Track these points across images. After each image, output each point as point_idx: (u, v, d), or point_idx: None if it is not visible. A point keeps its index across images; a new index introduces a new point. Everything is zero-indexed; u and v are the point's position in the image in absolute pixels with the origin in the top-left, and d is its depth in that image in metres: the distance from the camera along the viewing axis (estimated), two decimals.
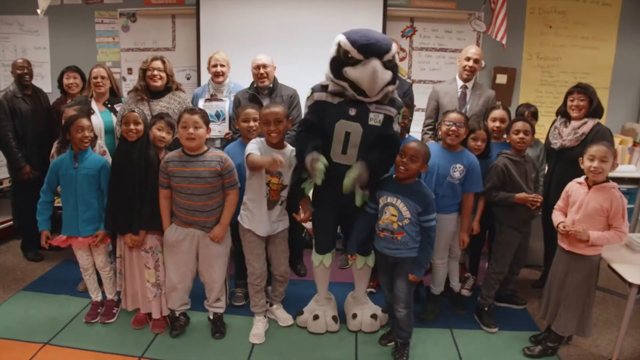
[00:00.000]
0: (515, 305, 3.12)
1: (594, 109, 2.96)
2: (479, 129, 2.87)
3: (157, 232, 2.70)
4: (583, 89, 2.97)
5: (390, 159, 2.47)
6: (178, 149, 2.64)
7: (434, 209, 2.45)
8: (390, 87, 2.38)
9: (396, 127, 2.51)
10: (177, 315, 2.81)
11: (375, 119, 2.40)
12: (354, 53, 2.26)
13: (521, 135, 2.75)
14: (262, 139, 2.66)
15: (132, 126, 2.57)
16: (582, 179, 2.49)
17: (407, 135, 3.00)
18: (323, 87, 2.45)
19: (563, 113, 3.09)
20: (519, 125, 2.78)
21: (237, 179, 2.64)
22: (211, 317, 2.84)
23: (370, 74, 2.23)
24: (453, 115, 2.75)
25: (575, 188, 2.51)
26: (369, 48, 2.24)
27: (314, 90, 2.49)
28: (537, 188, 2.92)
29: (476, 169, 2.75)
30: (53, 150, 3.03)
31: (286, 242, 2.84)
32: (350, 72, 2.29)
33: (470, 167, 2.74)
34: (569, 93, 3.04)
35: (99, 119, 3.32)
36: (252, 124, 2.79)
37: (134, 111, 2.61)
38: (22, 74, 3.60)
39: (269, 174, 2.59)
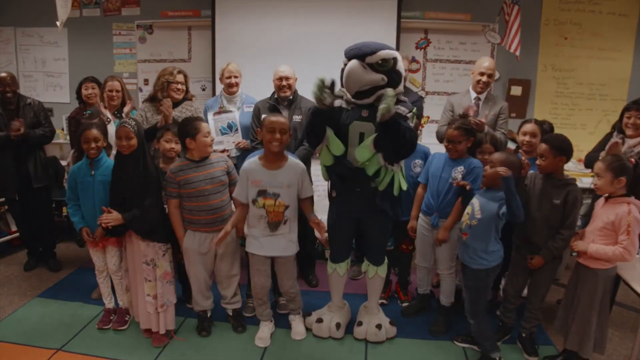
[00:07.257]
0: None
1: None
2: (486, 143, 2.84)
3: (159, 243, 2.71)
4: None
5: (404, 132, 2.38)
6: (180, 159, 2.73)
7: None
8: (385, 91, 2.35)
9: (410, 125, 2.50)
10: (208, 315, 2.92)
11: None
12: (345, 60, 2.45)
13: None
14: (256, 158, 2.66)
15: (124, 142, 2.58)
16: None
17: None
18: (339, 97, 2.56)
19: (619, 129, 2.98)
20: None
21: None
22: (230, 313, 2.93)
23: (346, 72, 2.39)
24: (450, 132, 2.73)
25: (599, 202, 2.48)
26: (350, 53, 2.41)
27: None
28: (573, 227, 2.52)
29: (475, 170, 2.68)
30: (69, 159, 3.11)
31: (292, 264, 2.82)
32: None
33: (469, 167, 2.70)
34: (626, 109, 2.94)
35: (112, 127, 3.35)
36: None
37: (124, 126, 2.59)
38: (3, 90, 3.45)
39: (262, 197, 2.61)
